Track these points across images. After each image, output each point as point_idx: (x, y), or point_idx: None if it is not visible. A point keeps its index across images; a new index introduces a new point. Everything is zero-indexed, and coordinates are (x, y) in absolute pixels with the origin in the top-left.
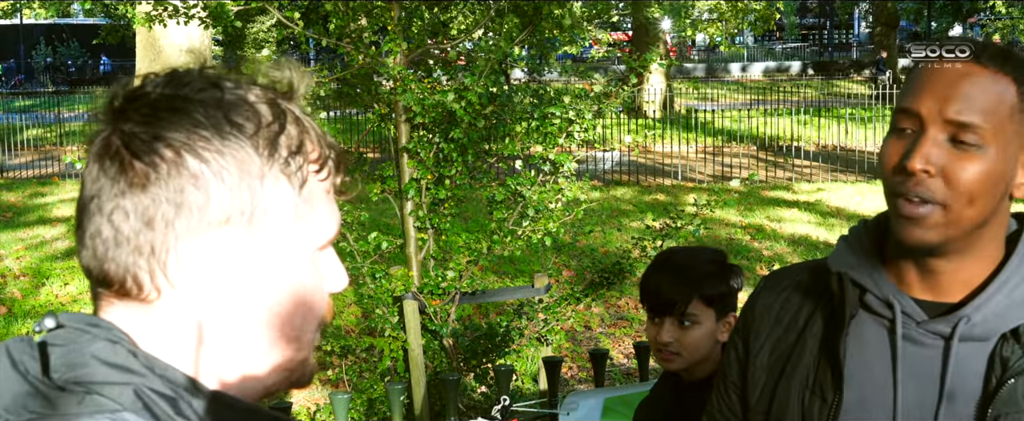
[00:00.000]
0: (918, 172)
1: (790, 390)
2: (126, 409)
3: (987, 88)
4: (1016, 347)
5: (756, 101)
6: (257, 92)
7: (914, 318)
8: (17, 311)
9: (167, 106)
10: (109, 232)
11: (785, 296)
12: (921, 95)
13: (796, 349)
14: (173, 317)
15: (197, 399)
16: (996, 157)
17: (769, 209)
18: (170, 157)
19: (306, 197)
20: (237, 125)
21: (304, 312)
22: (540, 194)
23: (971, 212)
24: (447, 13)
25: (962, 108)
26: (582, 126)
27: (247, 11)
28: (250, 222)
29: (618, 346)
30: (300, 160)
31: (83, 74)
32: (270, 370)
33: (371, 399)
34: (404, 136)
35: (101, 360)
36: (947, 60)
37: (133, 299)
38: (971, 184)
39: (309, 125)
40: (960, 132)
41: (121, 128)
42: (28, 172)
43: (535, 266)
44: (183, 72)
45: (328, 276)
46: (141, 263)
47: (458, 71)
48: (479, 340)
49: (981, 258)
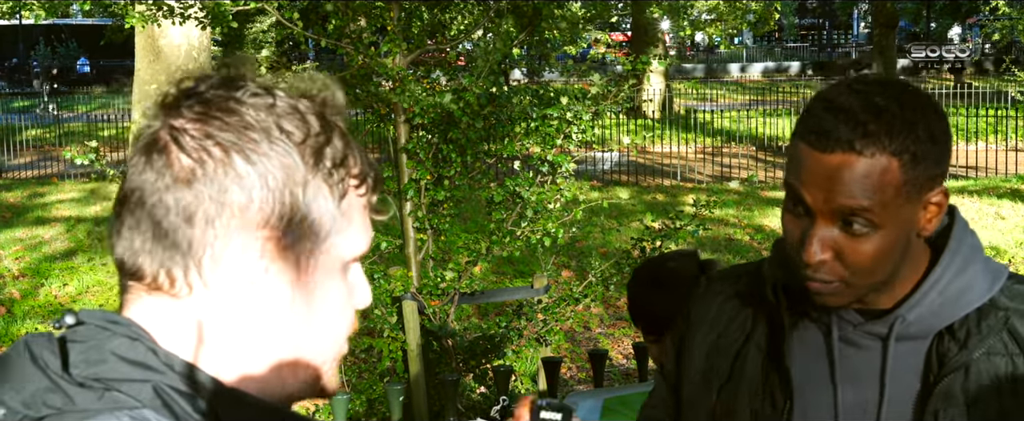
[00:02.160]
0: (814, 263)
1: (738, 398)
2: (145, 406)
3: (866, 175)
4: (952, 343)
5: (755, 101)
6: (307, 103)
7: (850, 321)
8: (16, 311)
9: (220, 106)
10: (149, 225)
11: (721, 301)
12: (806, 183)
13: (740, 357)
14: (201, 315)
15: (217, 397)
16: (889, 230)
17: (768, 209)
18: (218, 156)
19: (344, 210)
20: (287, 132)
21: (332, 322)
22: (539, 195)
23: (876, 277)
24: (446, 13)
25: (846, 200)
26: (580, 127)
27: (246, 11)
28: (289, 228)
29: (617, 346)
30: (342, 173)
31: (68, 75)
32: (293, 377)
33: (370, 400)
34: (403, 136)
35: (121, 357)
36: (822, 150)
37: (164, 294)
38: (867, 262)
39: (353, 142)
40: (847, 219)
41: (171, 123)
42: (27, 172)
43: (534, 267)
44: (237, 76)
45: (355, 290)
46: (177, 259)
47: (457, 72)
48: (478, 341)
49: (901, 279)
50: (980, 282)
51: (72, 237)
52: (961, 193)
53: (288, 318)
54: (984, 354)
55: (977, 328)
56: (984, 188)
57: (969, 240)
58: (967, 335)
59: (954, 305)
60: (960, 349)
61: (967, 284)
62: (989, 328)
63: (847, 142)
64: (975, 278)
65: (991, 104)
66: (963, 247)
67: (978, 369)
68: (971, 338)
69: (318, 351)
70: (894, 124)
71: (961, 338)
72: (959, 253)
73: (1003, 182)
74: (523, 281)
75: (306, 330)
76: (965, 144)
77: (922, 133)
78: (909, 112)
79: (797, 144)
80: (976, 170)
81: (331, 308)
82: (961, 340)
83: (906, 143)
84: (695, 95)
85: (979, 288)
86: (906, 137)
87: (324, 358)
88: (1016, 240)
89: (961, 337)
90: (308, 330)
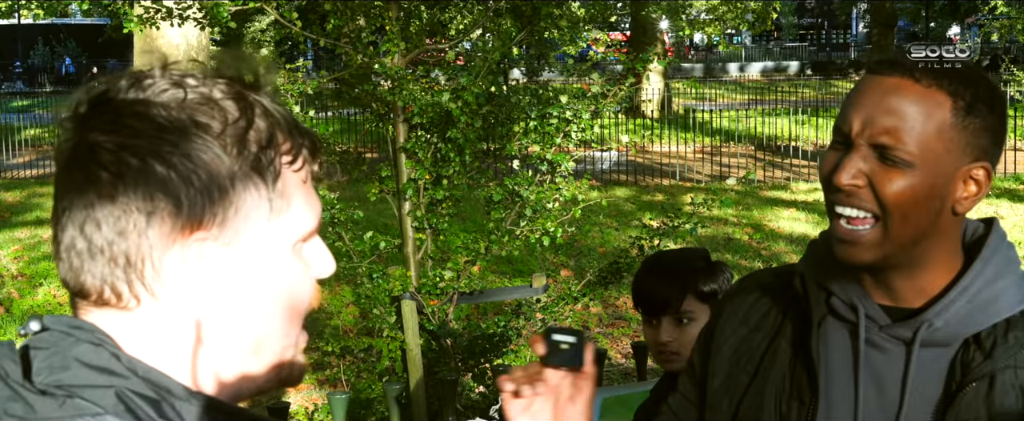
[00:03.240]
0: (845, 186)
1: (765, 394)
2: (107, 412)
3: (916, 103)
4: (977, 353)
5: (754, 101)
6: (222, 87)
7: (877, 322)
8: (15, 311)
9: (130, 112)
10: (82, 244)
11: (753, 299)
12: (852, 110)
13: (769, 353)
14: (155, 323)
15: (181, 402)
16: (925, 173)
17: (767, 209)
18: (136, 165)
19: (280, 191)
20: (202, 125)
21: (289, 309)
22: (538, 194)
23: (906, 228)
24: (445, 13)
25: (886, 125)
26: (579, 126)
27: (244, 11)
28: (223, 225)
29: (616, 346)
30: (271, 153)
31: (52, 75)
32: (259, 369)
33: (369, 399)
34: (402, 136)
35: (83, 363)
36: (883, 73)
37: (112, 308)
38: (898, 198)
39: (280, 115)
40: (885, 148)
41: (86, 137)
42: (26, 172)
43: (533, 266)
44: (146, 72)
45: (315, 264)
46: (118, 274)
47: (456, 71)
48: (477, 340)
49: (932, 269)
50: (1012, 293)
51: None
52: None
53: (243, 313)
54: (1010, 367)
55: (1004, 339)
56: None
57: (1005, 251)
58: (994, 345)
59: (982, 313)
60: (985, 359)
61: (998, 293)
62: (1016, 340)
63: (909, 69)
64: (1007, 289)
65: None
66: (997, 257)
67: (1003, 381)
68: (997, 348)
69: (279, 339)
70: (958, 72)
71: (987, 348)
72: (992, 262)
73: (1001, 181)
74: (522, 280)
75: (262, 320)
76: None
77: (983, 93)
78: (977, 72)
79: (862, 76)
80: None
81: (286, 292)
82: (987, 350)
83: (964, 91)
84: (694, 95)
85: (1010, 299)
86: (966, 87)
87: (285, 344)
88: (1015, 240)
89: (987, 347)
90: (264, 320)
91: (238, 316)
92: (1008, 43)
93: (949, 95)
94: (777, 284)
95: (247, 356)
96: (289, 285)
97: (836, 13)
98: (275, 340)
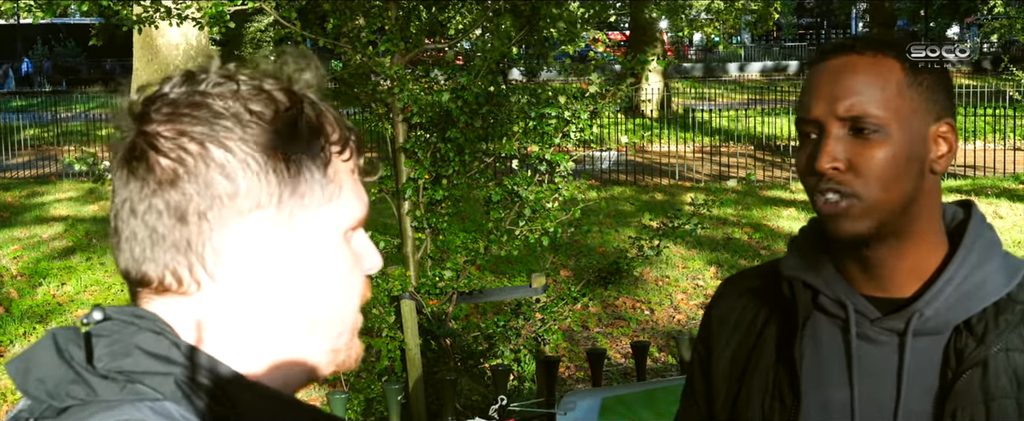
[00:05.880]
0: (827, 171)
1: (751, 394)
2: (167, 399)
3: (868, 72)
4: (970, 339)
5: (754, 101)
6: (271, 82)
7: (867, 316)
8: (14, 311)
9: (187, 102)
10: (144, 233)
11: (742, 303)
12: (812, 99)
13: (754, 353)
14: (213, 309)
15: (238, 390)
16: (900, 136)
17: (767, 208)
18: (196, 150)
19: (331, 177)
20: (256, 113)
21: (343, 294)
22: (537, 194)
23: (890, 195)
24: (445, 13)
25: (852, 100)
26: (579, 126)
27: (244, 11)
28: (280, 206)
29: (615, 346)
30: (321, 141)
31: (38, 75)
32: (314, 355)
33: (368, 399)
34: (401, 136)
35: (144, 350)
36: (827, 58)
37: (173, 294)
38: (881, 169)
39: (325, 108)
40: (857, 123)
41: (144, 130)
42: (26, 172)
43: (532, 266)
44: (198, 69)
45: (363, 257)
46: (179, 259)
47: (456, 71)
48: (476, 340)
49: (921, 244)
50: (998, 276)
51: (70, 236)
52: (959, 192)
53: (301, 292)
54: (1002, 350)
55: (995, 323)
56: (982, 187)
57: (987, 234)
58: (985, 330)
59: (971, 299)
60: (978, 344)
61: (984, 278)
62: (1007, 323)
63: (847, 46)
64: (993, 272)
65: (989, 103)
66: (980, 241)
67: (996, 365)
68: (989, 333)
69: (333, 324)
70: (895, 40)
71: (979, 333)
72: (975, 248)
73: (1001, 181)
74: (521, 280)
75: (319, 300)
76: (963, 143)
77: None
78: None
79: (806, 75)
80: (974, 169)
81: (339, 279)
82: (979, 335)
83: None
84: (693, 94)
85: (997, 282)
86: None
87: (340, 330)
88: (1014, 239)
89: (979, 332)
90: (321, 299)
91: (296, 295)
92: (1008, 43)
93: (895, 59)
94: (762, 285)
95: (304, 337)
96: (345, 267)
97: (835, 13)
98: (332, 322)
